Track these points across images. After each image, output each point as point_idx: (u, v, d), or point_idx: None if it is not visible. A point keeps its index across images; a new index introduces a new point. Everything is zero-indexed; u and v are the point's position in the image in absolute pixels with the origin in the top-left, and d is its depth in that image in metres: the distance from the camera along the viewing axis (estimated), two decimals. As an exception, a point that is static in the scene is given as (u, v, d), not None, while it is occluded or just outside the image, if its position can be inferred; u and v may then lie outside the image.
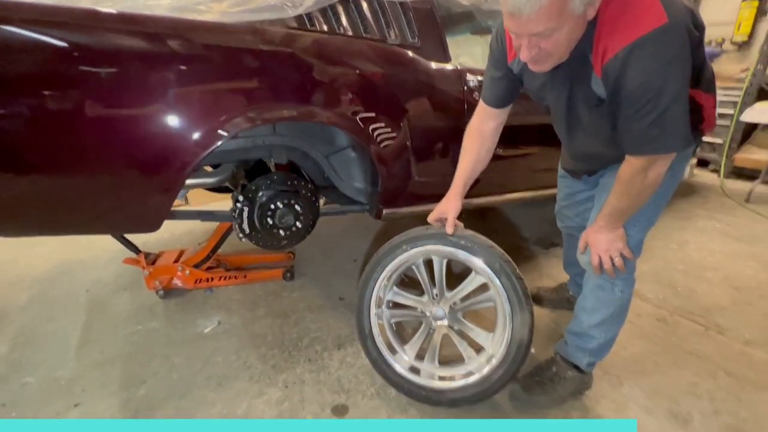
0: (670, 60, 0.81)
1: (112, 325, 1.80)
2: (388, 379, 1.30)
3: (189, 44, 1.04)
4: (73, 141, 0.97)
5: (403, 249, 1.22)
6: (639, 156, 0.94)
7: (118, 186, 1.05)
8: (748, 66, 3.35)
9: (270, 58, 1.16)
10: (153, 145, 1.03)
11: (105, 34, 0.95)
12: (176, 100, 1.04)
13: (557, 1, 0.76)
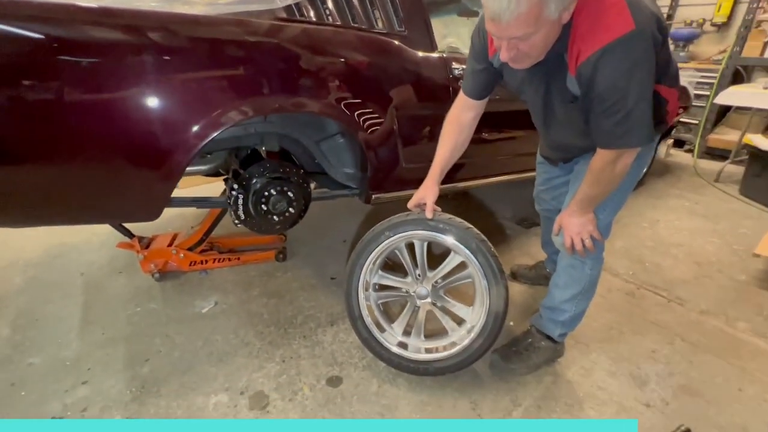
0: (635, 63, 0.88)
1: (112, 306, 1.86)
2: (378, 354, 1.42)
3: (187, 39, 1.07)
4: (78, 133, 1.00)
5: (386, 236, 1.30)
6: (608, 149, 1.03)
7: (121, 176, 1.10)
8: (726, 47, 3.44)
9: (264, 52, 1.19)
10: (156, 136, 1.07)
11: (109, 30, 0.98)
12: (178, 94, 1.09)
13: (534, 9, 0.82)
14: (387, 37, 1.46)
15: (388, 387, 1.42)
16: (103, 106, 1.01)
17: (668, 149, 3.71)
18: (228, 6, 1.15)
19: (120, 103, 1.03)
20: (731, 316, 1.74)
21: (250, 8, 1.17)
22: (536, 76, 1.08)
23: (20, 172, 1.00)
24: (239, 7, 1.16)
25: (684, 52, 3.82)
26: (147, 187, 1.13)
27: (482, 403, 1.35)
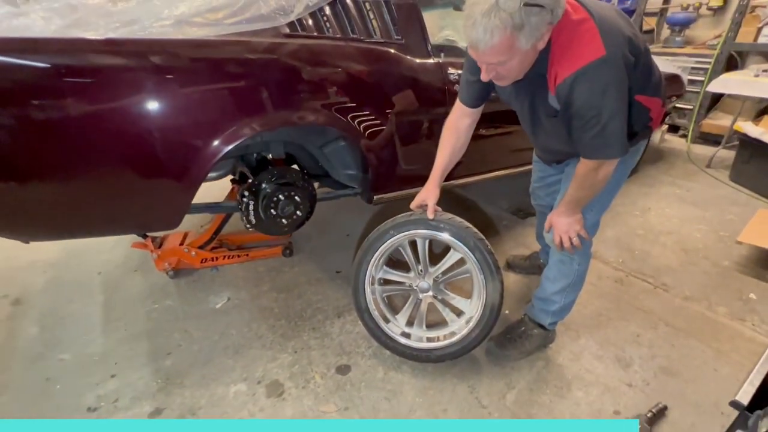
0: (607, 84, 0.97)
1: (131, 303, 1.97)
2: (383, 344, 1.54)
3: (205, 62, 1.16)
4: (109, 152, 1.11)
5: (391, 234, 1.40)
6: (591, 158, 1.12)
7: (147, 190, 1.21)
8: (721, 32, 3.46)
9: (273, 71, 1.27)
10: (178, 152, 1.18)
11: (134, 59, 1.07)
12: (199, 113, 1.20)
13: (506, 41, 0.91)
14: (385, 46, 1.53)
15: (393, 374, 1.54)
16: (131, 127, 1.11)
17: (663, 135, 3.78)
18: (233, 25, 1.22)
19: (146, 124, 1.12)
20: (713, 301, 1.85)
21: (254, 27, 1.24)
22: (521, 92, 1.18)
23: (59, 189, 1.10)
24: (244, 26, 1.23)
25: (680, 37, 3.83)
26: (170, 198, 1.23)
27: (479, 387, 1.48)
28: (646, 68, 1.13)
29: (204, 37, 1.17)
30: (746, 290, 1.91)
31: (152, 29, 1.10)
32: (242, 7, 1.23)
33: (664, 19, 4.02)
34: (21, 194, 1.06)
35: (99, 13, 1.10)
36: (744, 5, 3.17)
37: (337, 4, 1.44)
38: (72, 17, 1.04)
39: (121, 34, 1.07)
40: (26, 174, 1.05)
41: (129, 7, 1.14)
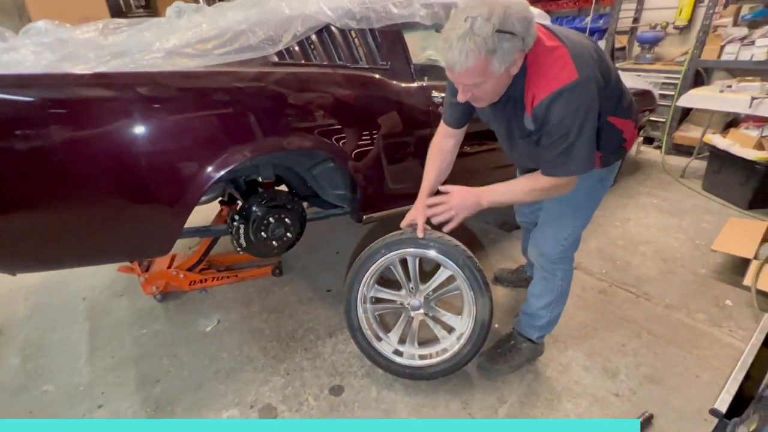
0: (579, 106, 1.04)
1: (117, 329, 1.94)
2: (376, 362, 1.55)
3: (197, 92, 1.19)
4: (104, 182, 1.12)
5: (382, 253, 1.42)
6: (547, 176, 1.16)
7: (141, 218, 1.21)
8: (688, 49, 3.66)
9: (263, 99, 1.30)
10: (174, 179, 1.20)
11: (122, 91, 1.09)
12: (193, 141, 1.22)
13: (480, 64, 0.97)
14: (370, 72, 1.58)
15: (387, 392, 1.55)
16: (124, 157, 1.13)
17: (638, 146, 3.93)
18: (223, 56, 1.25)
19: (140, 153, 1.14)
20: (692, 308, 1.92)
21: (243, 57, 1.27)
22: (498, 115, 1.24)
23: (50, 221, 1.10)
24: (234, 56, 1.26)
25: (650, 54, 4.03)
26: (163, 225, 1.24)
27: (472, 403, 1.49)
28: (617, 91, 1.20)
29: (194, 68, 1.20)
30: (723, 297, 1.99)
31: (143, 61, 1.12)
32: (231, 38, 1.27)
33: (635, 38, 4.23)
34: (13, 226, 1.06)
35: (89, 46, 1.12)
36: (707, 25, 3.37)
37: (323, 33, 1.49)
38: (63, 51, 1.06)
39: (111, 66, 1.09)
40: (19, 206, 1.05)
41: (119, 41, 1.17)
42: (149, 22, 1.31)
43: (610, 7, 4.15)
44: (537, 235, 1.48)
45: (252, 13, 1.34)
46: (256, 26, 1.31)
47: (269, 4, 1.40)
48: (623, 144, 1.33)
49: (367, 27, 1.54)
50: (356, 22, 1.50)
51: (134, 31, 1.24)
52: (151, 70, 1.16)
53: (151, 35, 1.21)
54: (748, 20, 3.32)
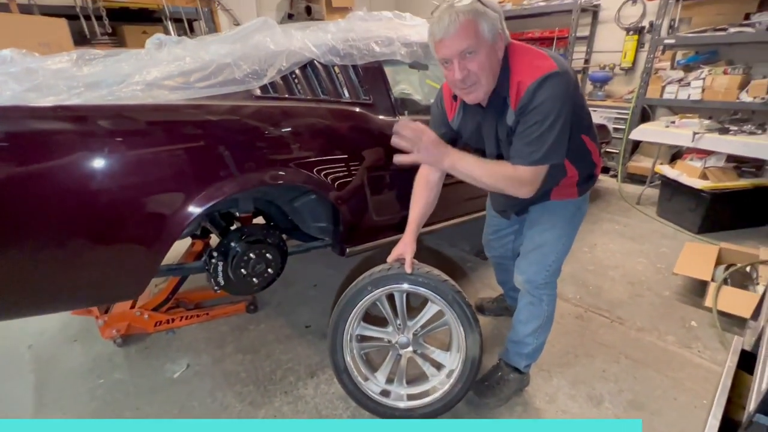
0: (558, 95, 1.08)
1: (70, 381, 1.73)
2: (363, 405, 1.47)
3: (175, 125, 1.13)
4: (73, 222, 1.02)
5: (369, 290, 1.38)
6: (515, 164, 1.17)
7: (115, 259, 1.11)
8: (634, 88, 4.03)
9: (244, 132, 1.26)
10: (150, 218, 1.11)
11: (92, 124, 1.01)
12: (171, 178, 1.16)
13: (470, 24, 1.04)
14: (353, 106, 1.60)
15: (375, 436, 1.47)
16: (96, 194, 1.04)
17: (597, 176, 4.20)
18: (205, 89, 1.22)
19: (113, 190, 1.06)
20: (662, 330, 2.01)
21: (226, 90, 1.25)
22: (487, 121, 1.26)
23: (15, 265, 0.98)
24: (216, 90, 1.23)
25: (601, 92, 4.39)
26: (138, 266, 1.14)
27: (463, 441, 1.45)
28: (588, 114, 1.30)
29: (174, 101, 1.15)
30: (688, 318, 2.10)
31: (120, 93, 1.07)
32: (214, 71, 1.24)
33: (587, 76, 4.62)
34: None
35: (61, 76, 1.05)
36: (648, 68, 3.75)
37: (307, 68, 1.50)
38: (31, 81, 0.98)
39: (85, 98, 1.03)
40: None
41: (94, 72, 1.11)
42: (127, 54, 1.25)
43: (564, 48, 4.53)
44: (522, 263, 1.50)
45: (236, 47, 1.33)
46: (240, 60, 1.30)
47: (254, 39, 1.40)
48: (593, 170, 1.42)
49: (350, 63, 1.57)
50: (340, 58, 1.53)
51: (111, 62, 1.18)
52: (127, 102, 1.10)
53: (129, 67, 1.16)
54: (683, 65, 3.72)
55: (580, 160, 1.35)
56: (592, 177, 1.45)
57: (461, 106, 1.32)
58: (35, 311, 1.12)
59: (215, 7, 4.01)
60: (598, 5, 4.38)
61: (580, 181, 1.41)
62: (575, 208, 1.45)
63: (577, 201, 1.45)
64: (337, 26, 1.62)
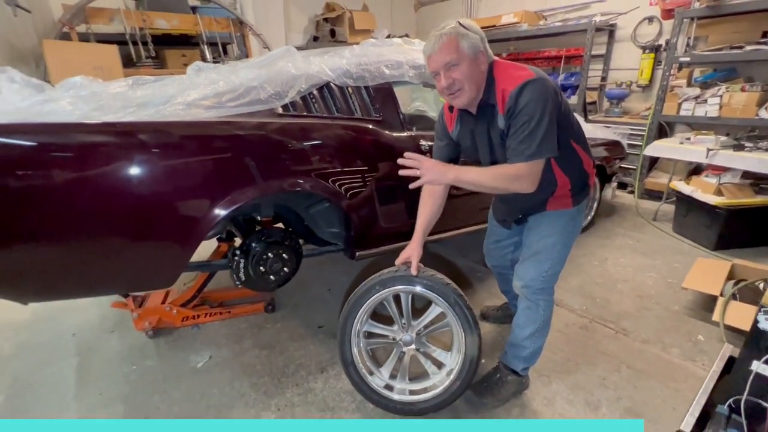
0: (539, 96, 1.23)
1: (107, 366, 1.93)
2: (367, 397, 1.58)
3: (208, 139, 1.34)
4: (122, 219, 1.23)
5: (377, 290, 1.50)
6: (513, 162, 1.29)
7: (153, 252, 1.31)
8: (651, 105, 4.04)
9: (267, 146, 1.45)
10: (184, 218, 1.31)
11: (140, 138, 1.22)
12: (202, 184, 1.36)
13: (452, 42, 1.24)
14: (365, 122, 1.77)
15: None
16: (140, 197, 1.24)
17: (614, 191, 4.19)
18: (235, 108, 1.41)
19: (153, 193, 1.25)
20: (667, 343, 2.03)
21: (253, 109, 1.44)
22: (479, 128, 1.41)
23: (68, 254, 1.18)
24: (244, 108, 1.43)
25: (618, 108, 4.42)
26: (172, 259, 1.33)
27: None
28: (575, 121, 1.43)
29: (208, 119, 1.35)
30: (695, 332, 2.10)
31: (165, 111, 1.27)
32: (243, 92, 1.44)
33: (604, 93, 4.66)
34: (34, 259, 1.14)
35: (118, 98, 1.27)
36: (665, 85, 3.77)
37: (324, 89, 1.68)
38: (96, 103, 1.20)
39: (136, 116, 1.24)
40: (43, 240, 1.14)
41: (145, 94, 1.32)
42: (171, 78, 1.48)
43: (580, 66, 4.60)
44: (520, 269, 1.60)
45: (262, 72, 1.53)
46: (265, 83, 1.49)
47: (277, 64, 1.60)
48: (586, 180, 1.51)
49: (362, 85, 1.74)
50: (353, 80, 1.71)
51: (158, 86, 1.40)
52: (169, 120, 1.31)
53: (173, 89, 1.37)
54: (700, 82, 3.73)
55: (570, 168, 1.45)
56: (586, 187, 1.54)
57: (458, 119, 1.47)
58: (90, 293, 1.32)
59: (247, 32, 4.35)
60: (614, 25, 4.46)
61: (574, 191, 1.50)
62: (569, 218, 1.54)
63: (572, 211, 1.54)
64: (351, 52, 1.81)
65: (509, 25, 4.88)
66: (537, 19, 4.88)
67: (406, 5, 6.64)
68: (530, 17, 4.82)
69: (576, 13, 4.79)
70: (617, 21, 4.44)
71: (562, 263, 1.57)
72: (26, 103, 1.11)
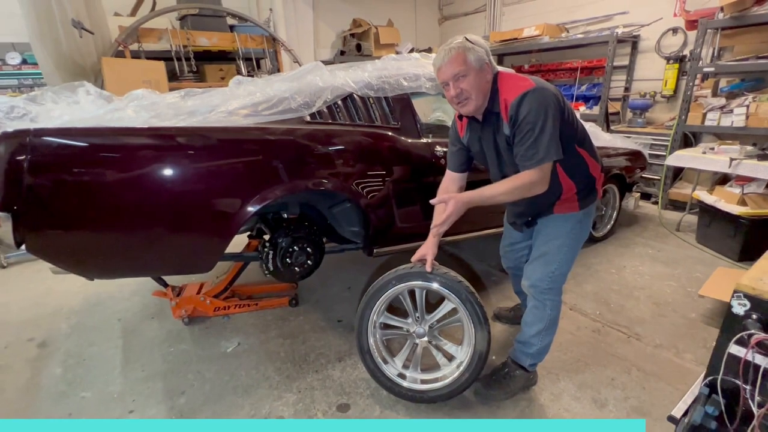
0: (541, 104, 1.34)
1: (148, 347, 2.14)
2: (381, 384, 1.70)
3: (245, 143, 1.53)
4: (177, 211, 1.43)
5: (393, 284, 1.62)
6: (525, 170, 1.39)
7: (197, 240, 1.51)
8: (675, 115, 4.01)
9: (296, 149, 1.63)
10: (224, 210, 1.50)
11: (189, 141, 1.43)
12: (240, 182, 1.54)
13: (459, 56, 1.36)
14: (384, 130, 1.92)
15: (389, 412, 1.69)
16: (190, 192, 1.44)
17: (636, 202, 4.15)
18: (269, 116, 1.60)
19: (202, 190, 1.45)
20: (680, 348, 2.04)
21: (285, 117, 1.63)
22: (485, 134, 1.53)
23: (129, 239, 1.40)
24: (276, 116, 1.62)
25: (641, 119, 4.41)
26: (212, 247, 1.52)
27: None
28: (581, 127, 1.53)
29: (246, 125, 1.54)
30: (710, 339, 2.09)
31: (210, 118, 1.47)
32: (276, 102, 1.63)
33: (627, 104, 4.65)
34: (102, 242, 1.35)
35: (172, 107, 1.48)
36: (689, 95, 3.75)
37: (347, 99, 1.86)
38: (155, 111, 1.42)
39: (187, 122, 1.44)
40: (108, 227, 1.36)
41: (194, 104, 1.53)
42: (216, 90, 1.70)
43: (602, 77, 4.62)
44: (528, 269, 1.68)
45: (293, 84, 1.72)
46: (296, 94, 1.68)
47: (306, 78, 1.79)
48: (593, 184, 1.59)
49: (382, 95, 1.91)
50: (374, 92, 1.87)
51: (205, 97, 1.62)
52: (212, 125, 1.51)
53: (217, 100, 1.58)
54: (726, 92, 3.69)
55: (576, 172, 1.54)
56: (593, 191, 1.62)
57: (467, 126, 1.60)
58: (143, 273, 1.53)
59: (279, 48, 4.66)
60: (637, 36, 4.48)
61: (581, 195, 1.59)
62: (576, 221, 1.62)
63: (579, 215, 1.62)
64: (373, 66, 1.99)
65: (531, 37, 4.98)
66: (559, 32, 4.96)
67: (430, 20, 6.86)
68: (552, 30, 4.90)
69: (598, 25, 4.83)
70: (640, 32, 4.45)
71: (569, 264, 1.65)
72: (100, 111, 1.33)
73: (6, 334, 2.29)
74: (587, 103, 4.96)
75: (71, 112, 1.34)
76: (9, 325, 2.38)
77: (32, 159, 1.18)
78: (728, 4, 3.28)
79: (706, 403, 0.88)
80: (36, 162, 1.19)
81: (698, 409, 0.89)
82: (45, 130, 1.21)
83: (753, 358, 0.84)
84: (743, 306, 0.89)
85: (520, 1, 5.65)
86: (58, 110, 1.34)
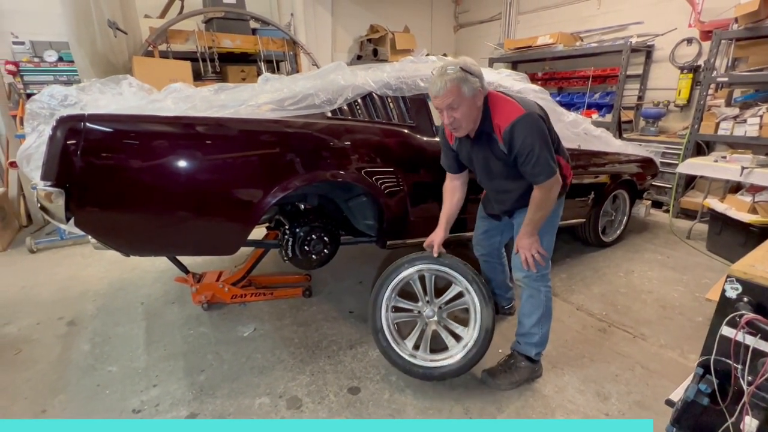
0: (532, 130, 1.46)
1: (169, 329, 2.26)
2: (393, 362, 1.78)
3: (271, 134, 1.64)
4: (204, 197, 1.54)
5: (405, 267, 1.75)
6: (537, 185, 1.53)
7: (225, 225, 1.63)
8: (688, 124, 4.03)
9: (319, 143, 1.74)
10: (251, 198, 1.62)
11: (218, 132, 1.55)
12: (265, 172, 1.65)
13: (455, 87, 1.44)
14: (400, 128, 2.02)
15: (398, 395, 1.76)
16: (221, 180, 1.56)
17: (647, 209, 4.16)
18: (293, 111, 1.71)
19: (232, 178, 1.56)
20: (685, 349, 2.07)
21: (308, 112, 1.74)
22: (477, 149, 1.65)
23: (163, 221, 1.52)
24: (300, 111, 1.73)
25: (654, 128, 4.43)
26: (238, 232, 1.64)
27: (473, 410, 1.68)
28: (556, 136, 1.65)
29: (273, 118, 1.65)
30: (716, 342, 2.12)
31: (240, 111, 1.59)
32: (300, 98, 1.75)
33: (640, 113, 4.67)
34: (140, 224, 1.48)
35: (206, 100, 1.60)
36: (702, 105, 3.77)
37: (367, 98, 1.96)
38: (191, 103, 1.54)
39: (218, 114, 1.56)
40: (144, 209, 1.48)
41: (225, 97, 1.65)
42: (246, 86, 1.82)
43: (615, 85, 4.66)
44: (516, 261, 1.76)
45: (317, 82, 1.83)
46: (319, 91, 1.79)
47: (329, 76, 1.90)
48: (564, 180, 1.69)
49: (400, 95, 2.01)
50: (392, 91, 1.98)
51: (236, 91, 1.74)
52: (242, 117, 1.62)
53: (247, 95, 1.70)
54: (740, 102, 3.70)
55: None
56: (564, 186, 1.71)
57: (456, 137, 1.70)
58: (175, 252, 1.64)
59: (299, 51, 4.81)
60: (651, 46, 4.51)
61: None
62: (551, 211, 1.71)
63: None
64: (392, 67, 2.09)
65: (545, 45, 5.05)
66: (573, 41, 5.02)
67: (446, 27, 6.99)
68: (566, 38, 4.97)
69: (613, 34, 4.88)
70: (654, 42, 4.49)
71: (550, 250, 1.76)
72: (142, 101, 1.45)
73: (38, 312, 2.43)
74: (600, 110, 5.00)
75: (116, 101, 1.47)
76: (40, 304, 2.53)
77: (86, 141, 1.31)
78: (743, 15, 3.32)
79: (699, 381, 0.94)
80: (89, 144, 1.32)
81: (691, 387, 0.95)
82: (98, 115, 1.34)
83: (743, 338, 0.90)
84: (735, 290, 0.96)
85: (535, 10, 5.73)
86: (104, 100, 1.47)
